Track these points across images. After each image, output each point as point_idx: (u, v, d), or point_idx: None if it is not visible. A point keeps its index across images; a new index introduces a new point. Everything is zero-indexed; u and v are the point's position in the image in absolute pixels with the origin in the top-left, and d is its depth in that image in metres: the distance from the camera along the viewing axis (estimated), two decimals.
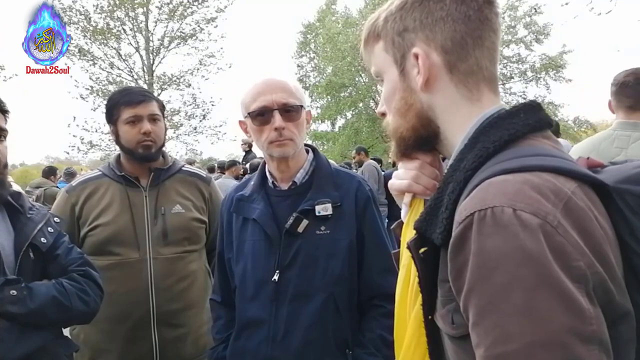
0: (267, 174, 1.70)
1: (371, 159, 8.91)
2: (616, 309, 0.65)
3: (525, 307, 0.60)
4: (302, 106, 1.61)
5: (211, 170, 8.52)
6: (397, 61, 0.87)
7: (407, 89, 0.86)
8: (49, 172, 8.19)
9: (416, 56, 0.83)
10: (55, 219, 1.72)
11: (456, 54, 0.82)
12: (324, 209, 1.57)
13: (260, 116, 1.57)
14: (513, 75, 21.68)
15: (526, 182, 0.66)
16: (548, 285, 0.60)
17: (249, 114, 1.60)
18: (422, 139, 0.88)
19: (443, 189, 0.78)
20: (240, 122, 1.68)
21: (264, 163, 1.73)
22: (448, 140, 0.86)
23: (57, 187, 7.36)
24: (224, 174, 7.91)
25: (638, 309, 0.68)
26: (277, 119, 1.55)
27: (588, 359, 0.58)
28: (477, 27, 0.82)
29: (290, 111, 1.58)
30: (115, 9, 16.06)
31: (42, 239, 1.60)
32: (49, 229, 1.65)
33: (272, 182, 1.68)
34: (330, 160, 1.81)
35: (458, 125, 0.83)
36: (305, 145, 1.74)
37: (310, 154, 1.73)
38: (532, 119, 0.79)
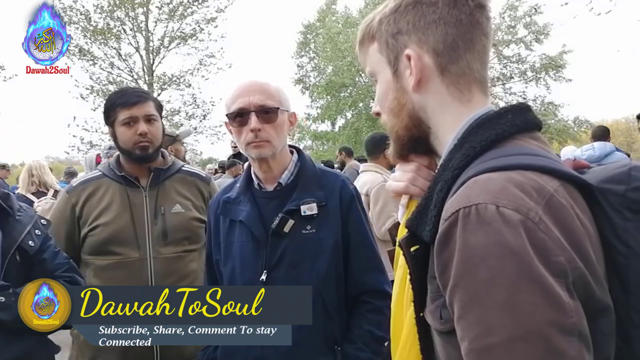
0: (253, 175, 1.72)
1: (355, 159, 8.72)
2: (596, 303, 0.67)
3: (507, 301, 0.62)
4: (279, 108, 1.62)
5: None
6: (391, 62, 0.89)
7: (399, 90, 0.88)
8: None
9: (409, 57, 0.85)
10: (42, 221, 1.71)
11: (448, 57, 0.84)
12: (309, 208, 1.59)
13: (239, 117, 1.61)
14: (513, 75, 21.68)
15: (510, 180, 0.68)
16: (529, 280, 0.62)
17: (227, 115, 1.64)
18: (415, 139, 0.90)
19: (433, 187, 0.80)
20: (225, 123, 1.70)
21: (249, 165, 1.75)
22: (439, 140, 0.88)
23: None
24: (224, 173, 7.91)
25: (620, 306, 0.71)
26: (253, 121, 1.57)
27: (568, 350, 0.60)
28: (468, 31, 0.84)
29: (268, 113, 1.60)
30: (115, 9, 16.09)
31: (30, 242, 1.58)
32: (37, 231, 1.63)
33: (258, 183, 1.70)
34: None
35: (449, 126, 0.85)
36: (290, 146, 1.76)
37: (295, 154, 1.74)
38: (520, 120, 0.81)
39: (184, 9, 16.81)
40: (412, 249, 0.79)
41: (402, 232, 0.92)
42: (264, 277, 1.57)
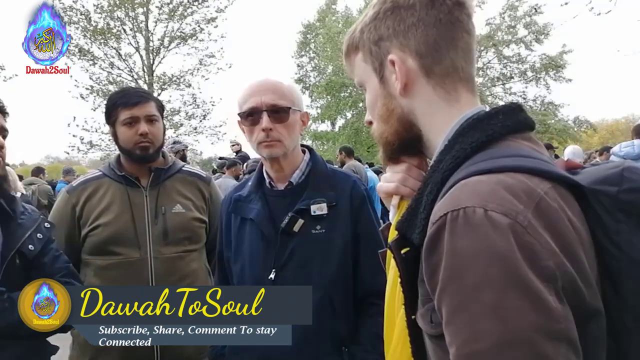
0: (265, 174, 1.72)
1: (355, 158, 8.71)
2: (587, 308, 0.67)
3: (494, 306, 0.61)
4: (291, 108, 1.62)
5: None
6: (376, 69, 0.89)
7: (387, 96, 0.88)
8: (38, 171, 9.23)
9: (393, 63, 0.85)
10: (46, 224, 1.70)
11: (431, 57, 0.84)
12: (319, 208, 1.59)
13: (250, 117, 1.61)
14: (513, 75, 21.67)
15: (499, 182, 0.67)
16: (517, 285, 0.61)
17: (239, 114, 1.65)
18: (406, 143, 0.90)
19: (422, 189, 0.79)
20: (238, 121, 1.70)
21: (262, 164, 1.75)
22: (430, 142, 0.88)
23: (47, 184, 8.37)
24: (224, 173, 7.91)
25: (613, 309, 0.70)
26: (265, 120, 1.58)
27: (555, 356, 0.60)
28: (449, 30, 0.84)
29: (279, 112, 1.60)
30: (115, 9, 16.09)
31: (30, 246, 1.58)
32: (39, 235, 1.63)
33: (269, 182, 1.70)
34: None
35: (438, 127, 0.85)
36: (302, 145, 1.76)
37: (307, 154, 1.74)
38: (511, 121, 0.80)
39: (184, 9, 16.81)
40: (402, 252, 0.78)
41: (393, 234, 0.91)
42: (272, 275, 1.57)
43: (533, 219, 0.64)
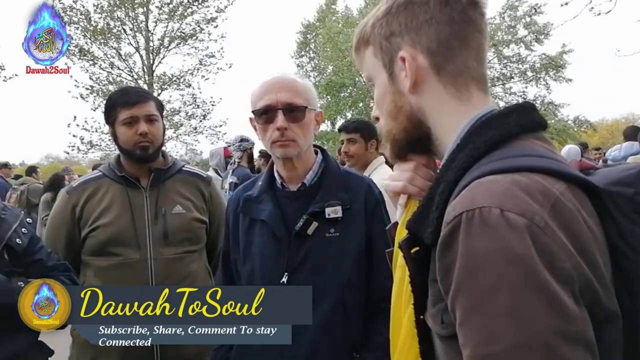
0: (276, 174, 1.68)
1: None
2: (603, 310, 0.66)
3: (511, 307, 0.60)
4: (307, 107, 1.59)
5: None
6: (386, 65, 0.88)
7: (396, 92, 0.87)
8: (31, 170, 9.52)
9: (403, 59, 0.84)
10: (28, 219, 1.72)
11: (442, 56, 0.83)
12: (333, 211, 1.56)
13: (265, 115, 1.57)
14: (513, 75, 21.66)
15: (515, 182, 0.66)
16: (533, 286, 0.60)
17: (254, 111, 1.61)
18: (415, 140, 0.89)
19: (434, 188, 0.78)
20: (250, 118, 1.66)
21: (272, 163, 1.72)
22: (440, 140, 0.87)
23: (40, 183, 8.38)
24: None
25: (627, 312, 0.69)
26: (280, 119, 1.54)
27: (572, 359, 0.59)
28: (461, 29, 0.83)
29: (294, 111, 1.56)
30: (115, 9, 16.07)
31: (17, 239, 1.60)
32: (23, 230, 1.65)
33: (281, 182, 1.66)
34: None
35: (449, 126, 0.84)
36: (315, 146, 1.72)
37: (320, 155, 1.71)
38: (525, 120, 0.79)
39: (184, 9, 16.79)
40: (412, 251, 0.77)
41: (402, 233, 0.90)
42: (284, 279, 1.54)
43: (549, 220, 0.63)
